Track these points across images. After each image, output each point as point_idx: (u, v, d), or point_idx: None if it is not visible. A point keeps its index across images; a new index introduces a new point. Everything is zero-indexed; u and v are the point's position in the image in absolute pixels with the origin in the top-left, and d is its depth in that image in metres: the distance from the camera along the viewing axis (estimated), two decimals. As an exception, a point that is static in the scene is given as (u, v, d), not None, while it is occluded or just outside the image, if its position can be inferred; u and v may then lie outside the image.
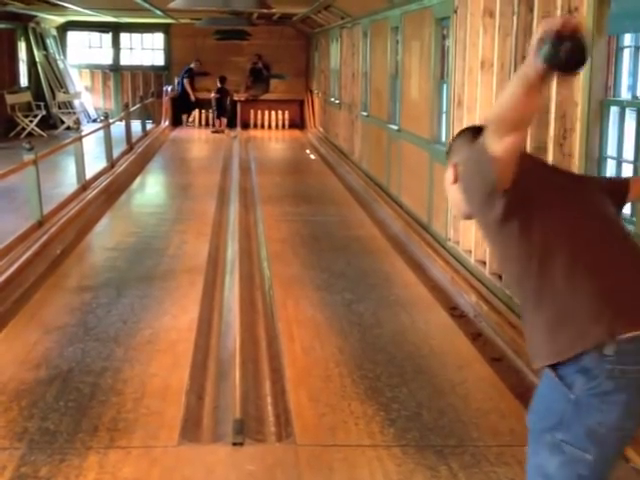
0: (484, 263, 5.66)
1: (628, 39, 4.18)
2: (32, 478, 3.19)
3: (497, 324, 5.01)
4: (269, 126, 19.98)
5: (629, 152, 4.06)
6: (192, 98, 19.20)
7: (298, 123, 20.16)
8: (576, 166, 4.25)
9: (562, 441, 2.13)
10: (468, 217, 2.40)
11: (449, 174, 2.40)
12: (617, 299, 2.08)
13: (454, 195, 2.41)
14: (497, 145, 1.99)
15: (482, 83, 5.68)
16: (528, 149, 4.81)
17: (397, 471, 3.31)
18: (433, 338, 4.99)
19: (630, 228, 3.78)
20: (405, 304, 5.68)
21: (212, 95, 19.01)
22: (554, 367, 2.11)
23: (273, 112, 19.99)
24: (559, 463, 2.15)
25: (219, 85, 19.01)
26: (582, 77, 4.21)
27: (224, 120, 19.09)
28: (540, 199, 2.17)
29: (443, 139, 7.07)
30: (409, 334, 5.04)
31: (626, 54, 4.21)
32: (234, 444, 3.49)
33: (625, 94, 4.25)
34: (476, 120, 5.83)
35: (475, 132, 2.27)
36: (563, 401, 2.11)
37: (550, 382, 2.15)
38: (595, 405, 2.07)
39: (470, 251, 5.97)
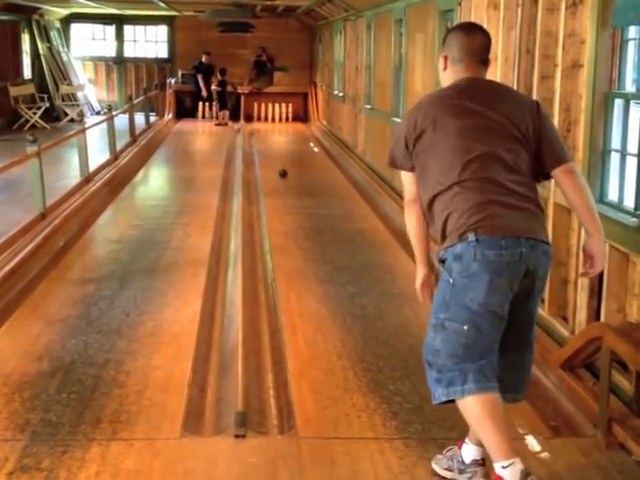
0: (487, 256, 5.63)
1: (633, 32, 4.15)
2: (34, 470, 3.19)
3: (500, 317, 4.99)
4: (272, 119, 19.95)
5: (633, 145, 4.04)
6: (204, 93, 19.09)
7: (302, 116, 20.13)
8: (580, 159, 4.24)
9: (445, 319, 2.82)
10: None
11: (441, 62, 3.07)
12: (483, 214, 2.76)
13: (442, 79, 3.08)
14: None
15: (487, 76, 5.64)
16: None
17: (399, 464, 3.31)
18: (436, 331, 4.98)
19: (634, 221, 3.77)
20: (408, 297, 5.66)
21: (213, 88, 18.99)
22: (442, 261, 2.88)
23: (277, 105, 19.97)
24: (442, 338, 2.83)
25: (219, 77, 18.98)
26: (586, 69, 4.19)
27: (226, 112, 19.08)
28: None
29: (447, 132, 7.03)
30: (412, 327, 5.03)
31: (631, 47, 4.19)
32: (236, 436, 3.48)
33: (630, 87, 4.23)
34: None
35: (466, 32, 3.04)
36: (446, 286, 2.83)
37: (442, 276, 2.88)
38: (467, 284, 2.77)
39: (473, 244, 5.94)
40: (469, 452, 3.07)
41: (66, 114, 18.06)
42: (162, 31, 21.24)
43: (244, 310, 5.13)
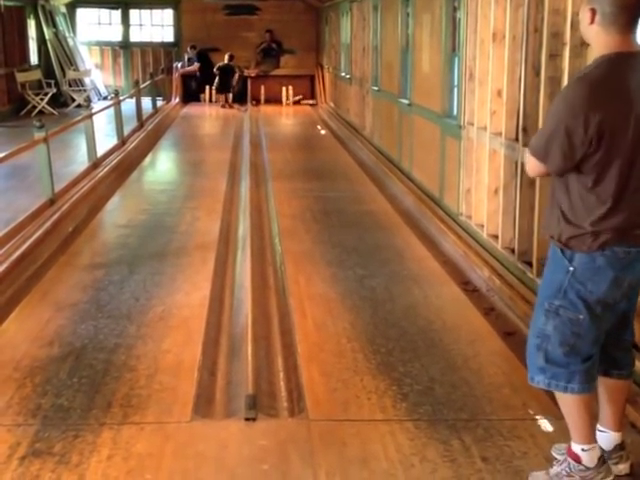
0: (496, 237, 5.63)
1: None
2: (46, 454, 3.21)
3: (510, 298, 4.99)
4: (280, 102, 19.89)
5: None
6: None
7: (309, 98, 20.06)
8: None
9: (559, 306, 2.77)
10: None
11: (584, 16, 2.66)
12: (620, 221, 2.65)
13: (585, 33, 2.71)
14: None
15: (494, 55, 5.62)
16: (540, 122, 4.76)
17: (410, 445, 3.32)
18: (445, 313, 4.98)
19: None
20: (417, 279, 5.67)
21: (215, 71, 19.00)
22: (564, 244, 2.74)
23: (283, 88, 19.89)
24: (555, 325, 2.80)
25: (226, 61, 18.96)
26: (595, 48, 4.15)
27: (229, 95, 19.08)
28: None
29: (455, 113, 7.01)
30: (421, 309, 5.03)
31: (640, 24, 4.15)
32: (247, 419, 3.49)
33: None
34: (488, 94, 5.78)
35: None
36: (563, 272, 2.75)
37: (555, 257, 2.80)
38: (588, 277, 2.71)
39: (482, 225, 5.94)
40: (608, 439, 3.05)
41: (73, 100, 18.04)
42: (168, 15, 21.15)
43: (253, 293, 5.13)
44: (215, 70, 19.03)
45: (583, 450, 2.88)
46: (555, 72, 4.60)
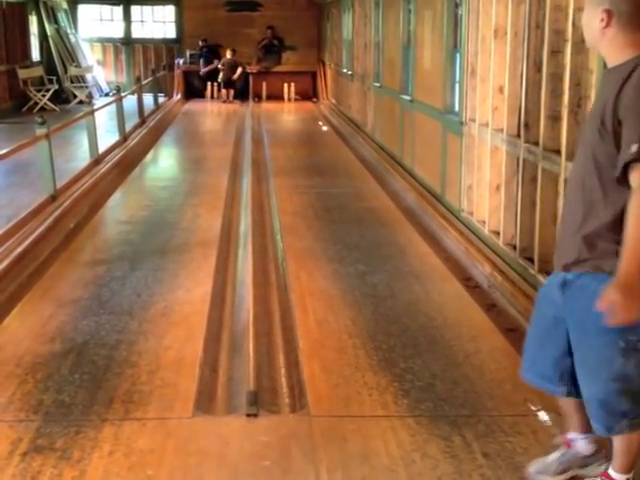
0: (498, 233, 5.63)
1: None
2: (48, 450, 3.22)
3: (511, 294, 4.99)
4: (281, 98, 19.88)
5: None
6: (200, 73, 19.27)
7: (310, 95, 20.05)
8: (591, 134, 4.20)
9: (638, 341, 2.40)
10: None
11: (598, 18, 2.38)
12: None
13: (601, 39, 2.41)
14: None
15: (496, 52, 5.61)
16: (542, 118, 4.76)
17: (411, 441, 3.32)
18: (447, 309, 4.98)
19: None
20: (419, 275, 5.67)
21: (220, 66, 19.04)
22: None
23: (285, 84, 19.88)
24: (636, 362, 2.43)
25: (228, 56, 18.99)
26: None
27: (231, 91, 19.13)
28: None
29: (456, 109, 7.00)
30: (423, 305, 5.03)
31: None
32: (248, 415, 3.50)
33: (641, 61, 4.19)
34: (490, 90, 5.77)
35: None
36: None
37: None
38: None
39: (484, 222, 5.94)
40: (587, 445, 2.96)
41: (75, 96, 18.05)
42: (170, 11, 21.13)
43: (255, 290, 5.13)
44: (220, 65, 19.07)
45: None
46: (557, 69, 4.60)
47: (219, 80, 19.27)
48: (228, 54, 19.08)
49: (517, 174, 5.28)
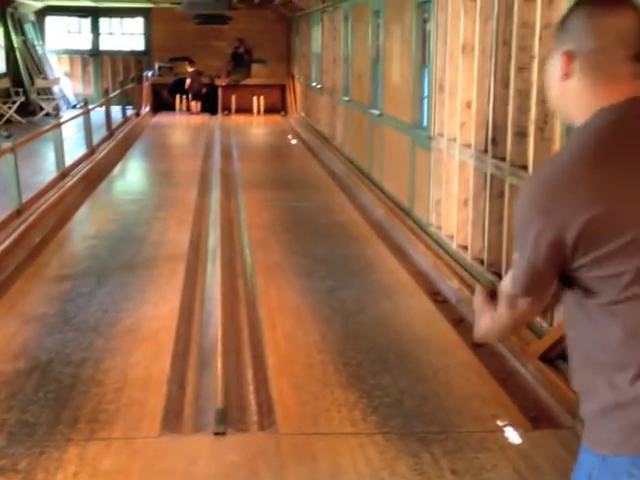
0: (466, 248, 5.65)
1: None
2: (11, 471, 3.15)
3: (479, 309, 4.99)
4: (251, 111, 19.86)
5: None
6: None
7: (280, 108, 20.06)
8: (556, 151, 4.23)
9: None
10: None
11: (556, 64, 1.60)
12: None
13: (559, 93, 1.62)
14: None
15: (463, 67, 5.65)
16: (509, 134, 4.79)
17: (380, 459, 3.30)
18: (416, 324, 4.98)
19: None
20: (387, 290, 5.67)
21: (187, 81, 19.09)
22: None
23: (254, 97, 19.87)
24: None
25: (190, 69, 19.03)
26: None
27: (199, 103, 19.17)
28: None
29: (425, 124, 7.04)
30: (392, 320, 5.03)
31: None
32: (216, 434, 3.46)
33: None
34: (458, 106, 5.81)
35: (603, 3, 1.54)
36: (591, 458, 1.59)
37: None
38: (625, 469, 1.51)
39: (452, 236, 5.96)
40: None
41: (42, 108, 17.87)
42: (138, 23, 21.07)
43: (223, 305, 5.10)
44: (189, 76, 19.07)
45: None
46: (524, 85, 4.63)
47: (187, 89, 19.25)
48: (189, 68, 19.11)
49: (485, 189, 5.31)
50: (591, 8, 1.56)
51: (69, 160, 10.00)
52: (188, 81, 19.16)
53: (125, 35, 21.35)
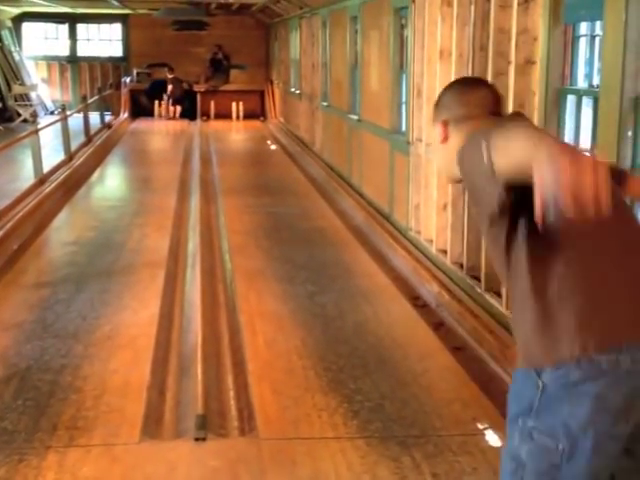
0: (445, 252, 5.67)
1: (584, 28, 4.20)
2: (-11, 480, 3.13)
3: (459, 313, 5.02)
4: (230, 117, 19.84)
5: (586, 140, 4.09)
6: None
7: (259, 114, 20.06)
8: (535, 155, 4.27)
9: (532, 428, 1.99)
10: (458, 182, 2.19)
11: (438, 132, 2.20)
12: (598, 317, 1.88)
13: (443, 155, 2.21)
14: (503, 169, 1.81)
15: (441, 73, 5.68)
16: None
17: (361, 463, 3.31)
18: (395, 329, 5.00)
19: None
20: (367, 295, 5.68)
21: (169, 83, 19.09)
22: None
23: (233, 103, 19.86)
24: (529, 450, 2.01)
25: (170, 76, 19.06)
26: (539, 66, 4.22)
27: (178, 108, 19.19)
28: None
29: (403, 129, 7.06)
30: (372, 325, 5.04)
31: (582, 43, 4.24)
32: (196, 440, 3.45)
33: (582, 83, 4.28)
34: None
35: (466, 86, 2.30)
36: (533, 387, 1.97)
37: (521, 372, 2.04)
38: (563, 396, 1.90)
39: (431, 240, 5.98)
40: None
41: (19, 114, 17.76)
42: (116, 30, 21.00)
43: (203, 311, 5.08)
44: (169, 82, 19.06)
45: None
46: (500, 90, 4.63)
47: (168, 96, 19.23)
48: (169, 74, 19.11)
49: (464, 193, 5.34)
50: (457, 88, 2.28)
51: (47, 166, 9.94)
52: (170, 87, 19.14)
53: (103, 41, 21.27)
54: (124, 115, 18.98)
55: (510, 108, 4.44)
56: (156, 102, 19.58)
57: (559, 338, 1.89)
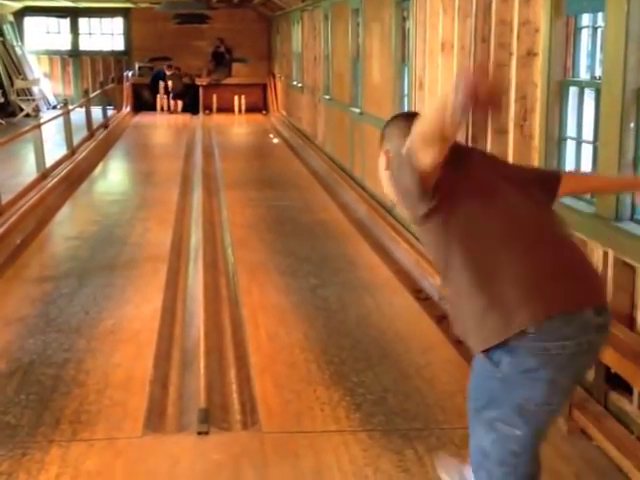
0: (448, 245, 5.66)
1: (586, 19, 4.18)
2: (-7, 474, 3.14)
3: (461, 306, 5.01)
4: (232, 110, 19.83)
5: (588, 132, 4.08)
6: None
7: (261, 107, 20.05)
8: (536, 147, 4.26)
9: (494, 419, 2.25)
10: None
11: (382, 160, 2.50)
12: (538, 286, 2.15)
13: (387, 181, 2.46)
14: (421, 155, 2.09)
15: (443, 65, 5.67)
16: (489, 131, 4.82)
17: (363, 456, 3.31)
18: (398, 321, 5.00)
19: (591, 209, 3.80)
20: (370, 288, 5.68)
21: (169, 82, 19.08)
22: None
23: (236, 96, 19.84)
24: (492, 440, 2.28)
25: (169, 73, 19.07)
26: (541, 58, 4.21)
27: (179, 102, 19.18)
28: (466, 193, 2.25)
29: (405, 122, 7.04)
30: (374, 318, 5.03)
31: (584, 34, 4.22)
32: (199, 433, 3.46)
33: (584, 74, 4.27)
34: (438, 102, 5.82)
35: (407, 119, 2.39)
36: (492, 379, 2.23)
37: (480, 361, 2.29)
38: (521, 382, 2.17)
39: (434, 233, 5.96)
40: None
41: (21, 109, 17.77)
42: (118, 23, 20.99)
43: (206, 305, 5.08)
44: (168, 78, 19.04)
45: None
46: (503, 82, 4.65)
47: (167, 90, 19.24)
48: (167, 70, 19.10)
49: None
50: (397, 122, 2.52)
51: (50, 161, 9.95)
52: (170, 82, 19.13)
53: (105, 35, 21.26)
54: (126, 109, 18.98)
55: (512, 100, 4.44)
56: (158, 96, 19.58)
57: (507, 312, 2.13)
